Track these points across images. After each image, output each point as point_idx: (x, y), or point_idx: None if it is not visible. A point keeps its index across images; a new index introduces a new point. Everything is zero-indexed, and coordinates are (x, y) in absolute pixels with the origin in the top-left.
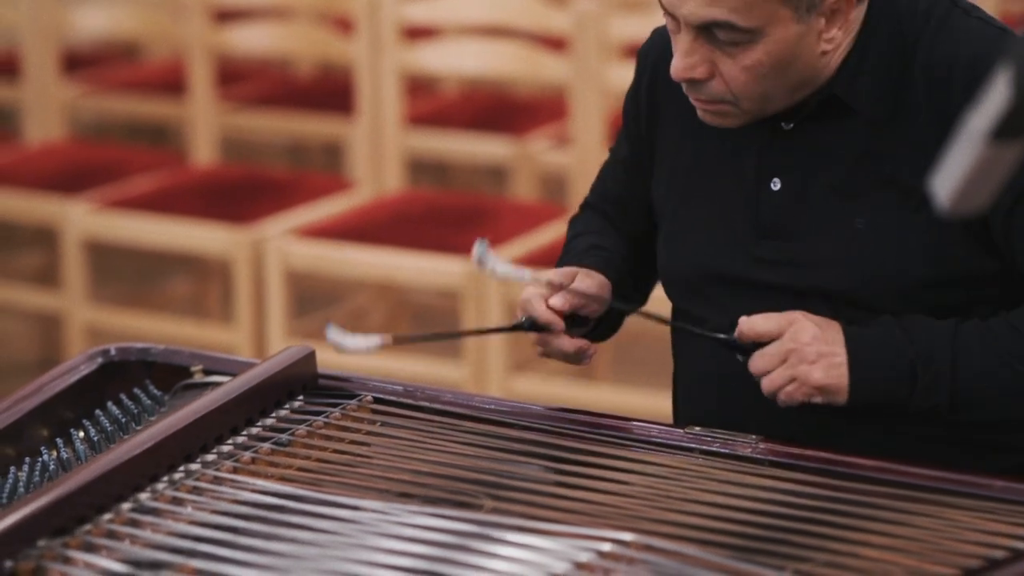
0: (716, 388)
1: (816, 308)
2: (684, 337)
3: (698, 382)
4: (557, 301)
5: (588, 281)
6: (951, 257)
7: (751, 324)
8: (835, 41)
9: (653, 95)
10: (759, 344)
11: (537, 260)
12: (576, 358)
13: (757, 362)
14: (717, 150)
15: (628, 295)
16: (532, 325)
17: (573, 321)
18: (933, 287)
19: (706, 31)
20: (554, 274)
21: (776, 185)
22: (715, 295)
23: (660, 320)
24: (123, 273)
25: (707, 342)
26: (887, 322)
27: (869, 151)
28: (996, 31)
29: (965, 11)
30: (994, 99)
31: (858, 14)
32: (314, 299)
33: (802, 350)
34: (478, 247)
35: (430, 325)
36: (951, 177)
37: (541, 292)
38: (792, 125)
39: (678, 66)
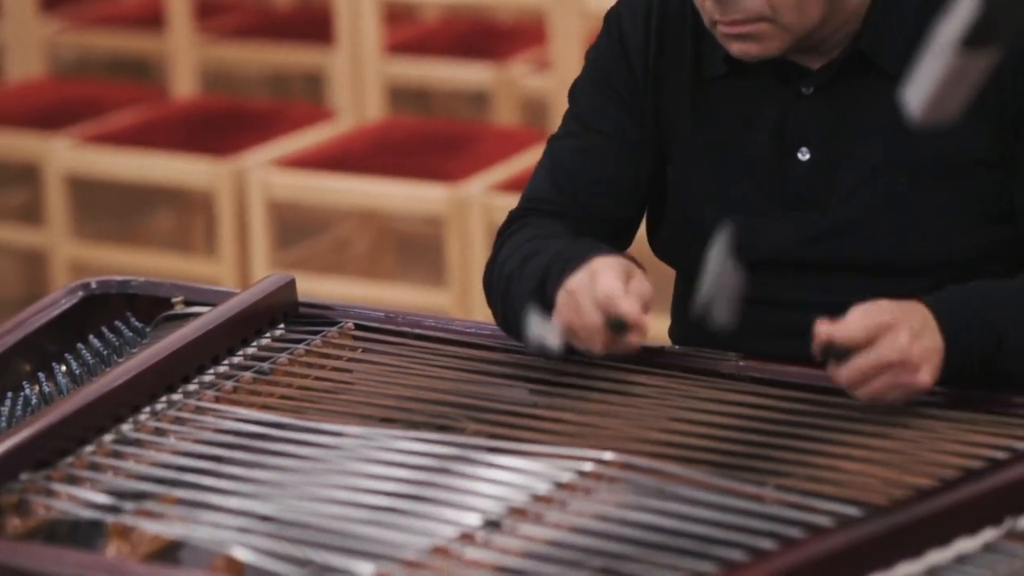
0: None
1: (849, 281)
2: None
3: (702, 339)
4: (636, 304)
5: (647, 283)
6: (987, 227)
7: (844, 331)
8: None
9: (648, 60)
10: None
11: (519, 184)
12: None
13: (853, 375)
14: (726, 123)
15: None
16: (622, 326)
17: None
18: (968, 259)
19: None
20: (618, 267)
21: (804, 155)
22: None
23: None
24: (106, 208)
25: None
26: (959, 293)
27: (901, 114)
28: None
29: None
30: (964, 7)
31: None
32: (298, 229)
33: (907, 361)
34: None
35: (415, 253)
36: (922, 87)
37: (618, 288)
38: (812, 90)
39: None
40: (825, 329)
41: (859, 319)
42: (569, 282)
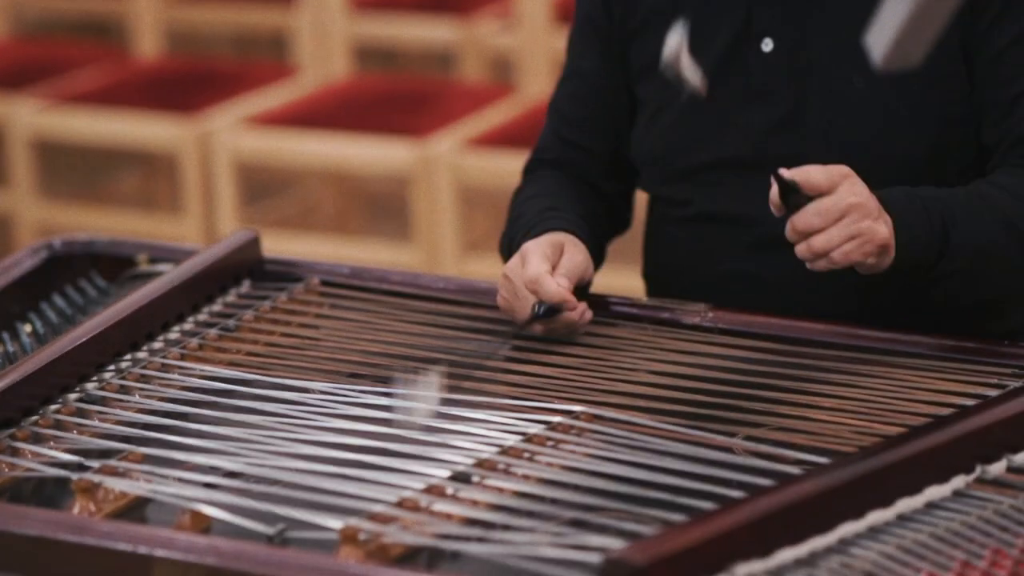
0: (693, 275)
1: None
2: (662, 221)
3: (674, 268)
4: (564, 282)
5: (578, 257)
6: (948, 126)
7: (805, 175)
8: None
9: None
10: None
11: (487, 141)
12: (580, 325)
13: (811, 219)
14: (693, 22)
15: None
16: (549, 311)
17: None
18: (928, 155)
19: None
20: (546, 248)
21: (767, 46)
22: (699, 175)
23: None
24: (71, 169)
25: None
26: (903, 188)
27: (866, 5)
28: None
29: None
30: None
31: None
32: (264, 188)
33: (865, 204)
34: (676, 36)
35: (382, 211)
36: (885, 31)
37: (545, 269)
38: None
39: None
40: (787, 172)
41: (819, 167)
42: (506, 265)
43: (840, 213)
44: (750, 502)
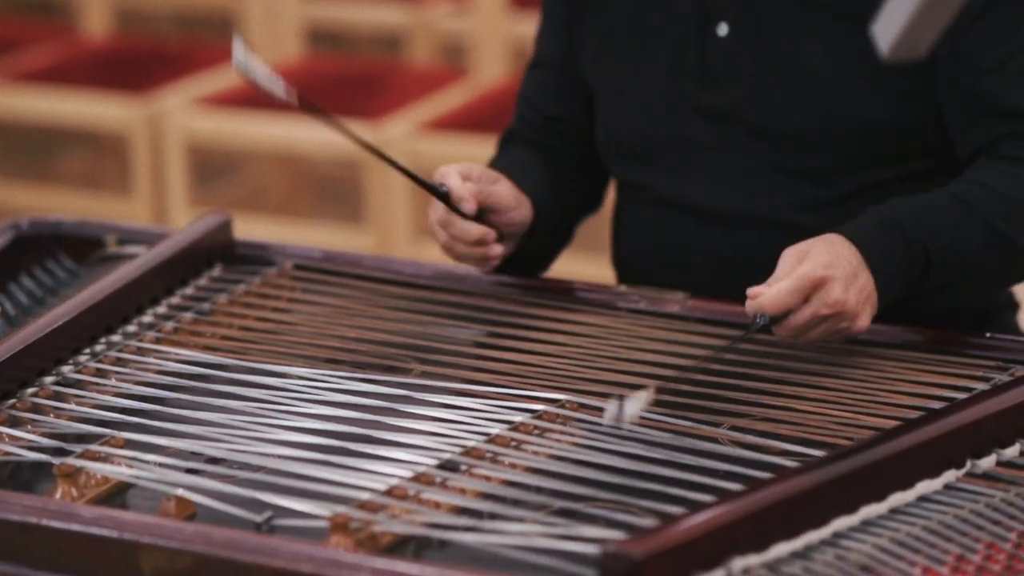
0: (661, 258)
1: (764, 155)
2: (628, 205)
3: (642, 253)
4: (471, 187)
5: (509, 189)
6: (907, 99)
7: (775, 301)
8: None
9: None
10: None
11: (441, 125)
12: (479, 250)
13: (791, 333)
14: (650, 9)
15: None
16: (446, 196)
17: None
18: (888, 131)
19: None
20: (474, 167)
21: (723, 30)
22: (660, 159)
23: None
24: (15, 150)
25: (649, 211)
26: (882, 216)
27: None
28: None
29: None
30: None
31: None
32: (214, 169)
33: (842, 311)
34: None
35: (332, 195)
36: (893, 22)
37: (459, 169)
38: None
39: None
40: (755, 301)
41: (788, 284)
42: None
43: (817, 323)
44: (746, 496)
